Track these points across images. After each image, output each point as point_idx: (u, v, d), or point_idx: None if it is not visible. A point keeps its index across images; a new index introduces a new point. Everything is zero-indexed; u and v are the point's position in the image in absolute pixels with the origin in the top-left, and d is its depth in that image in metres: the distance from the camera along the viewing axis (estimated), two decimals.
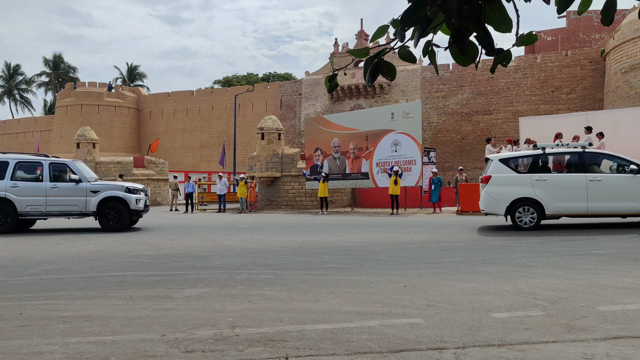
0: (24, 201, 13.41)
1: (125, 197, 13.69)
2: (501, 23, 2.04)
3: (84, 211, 13.65)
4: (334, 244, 9.94)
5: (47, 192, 13.52)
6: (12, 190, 13.38)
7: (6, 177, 13.44)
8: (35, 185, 13.54)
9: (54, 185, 13.54)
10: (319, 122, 24.79)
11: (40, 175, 13.70)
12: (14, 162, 13.64)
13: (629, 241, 9.05)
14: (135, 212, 13.90)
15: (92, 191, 13.68)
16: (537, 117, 24.72)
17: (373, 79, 2.23)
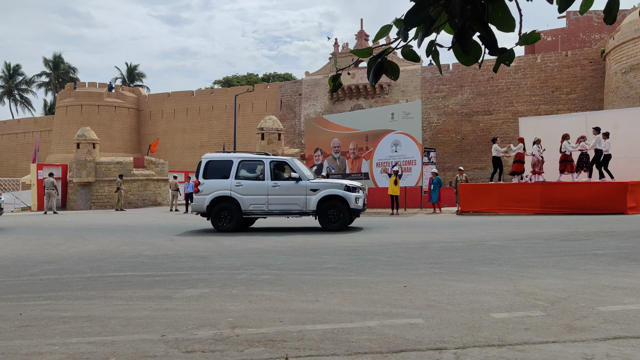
0: (247, 200, 13.08)
1: (345, 195, 12.99)
2: (504, 22, 2.03)
3: (304, 210, 13.08)
4: (333, 244, 9.94)
5: (269, 190, 13.13)
6: (237, 189, 13.09)
7: (231, 176, 13.17)
8: (258, 184, 13.18)
9: (275, 184, 13.12)
10: (319, 122, 24.79)
11: (261, 174, 13.34)
12: (237, 160, 13.34)
13: (629, 241, 9.04)
14: (354, 211, 13.17)
15: (311, 189, 13.12)
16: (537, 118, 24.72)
17: (377, 79, 2.23)
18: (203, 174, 13.26)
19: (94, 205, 28.41)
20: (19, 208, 28.33)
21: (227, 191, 13.05)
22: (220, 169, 13.28)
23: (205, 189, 13.14)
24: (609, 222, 12.18)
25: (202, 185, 13.18)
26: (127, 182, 28.07)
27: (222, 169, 13.27)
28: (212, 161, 13.45)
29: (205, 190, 13.14)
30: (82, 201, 28.62)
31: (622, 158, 16.66)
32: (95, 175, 28.59)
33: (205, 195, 13.12)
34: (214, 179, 13.18)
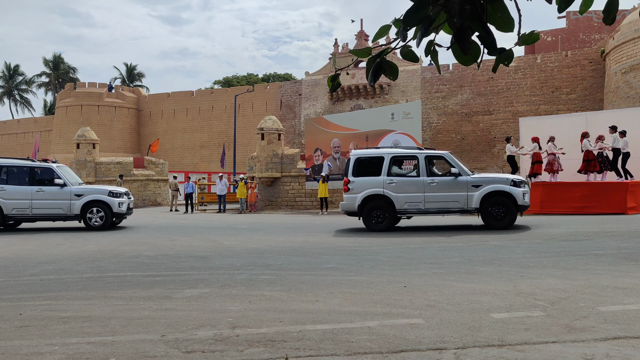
0: (402, 198, 12.39)
1: (512, 191, 12.12)
2: (503, 22, 2.03)
3: (464, 207, 12.30)
4: (334, 244, 9.94)
5: (425, 187, 12.38)
6: (390, 187, 12.42)
7: (382, 172, 12.52)
8: (413, 181, 12.54)
9: (432, 180, 12.37)
10: (319, 122, 24.79)
11: (415, 170, 12.73)
12: (389, 156, 12.67)
13: (629, 241, 9.04)
14: (522, 208, 12.44)
15: (473, 185, 12.28)
16: (537, 118, 24.72)
17: (375, 79, 2.23)
18: (352, 172, 12.66)
19: None
20: None
21: (379, 189, 12.41)
22: (370, 166, 12.69)
23: (355, 188, 12.54)
24: (609, 222, 12.17)
25: (351, 183, 12.60)
26: (127, 182, 28.08)
27: (373, 165, 12.67)
28: (362, 158, 12.85)
29: (355, 189, 12.52)
30: None
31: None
32: (95, 176, 28.59)
33: (355, 194, 12.48)
34: (365, 177, 12.59)
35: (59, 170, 14.32)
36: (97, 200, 14.11)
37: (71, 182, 14.33)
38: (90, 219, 14.05)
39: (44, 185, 14.10)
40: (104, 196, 14.17)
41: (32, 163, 14.45)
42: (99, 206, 14.10)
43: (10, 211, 13.88)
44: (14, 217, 14.09)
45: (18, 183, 14.04)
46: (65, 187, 14.02)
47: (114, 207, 14.15)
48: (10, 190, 13.90)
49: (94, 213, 14.11)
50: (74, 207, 14.01)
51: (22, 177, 14.16)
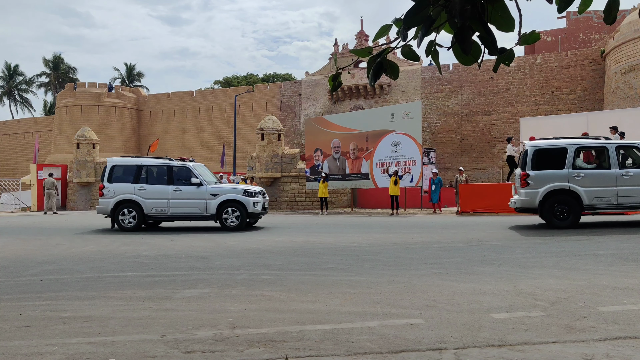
0: (590, 192, 11.47)
1: None
2: (504, 22, 2.03)
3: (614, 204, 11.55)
4: (334, 245, 9.94)
5: (618, 181, 11.42)
6: (576, 181, 11.50)
7: (566, 165, 11.69)
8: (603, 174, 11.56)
9: (626, 173, 11.47)
10: (319, 122, 24.79)
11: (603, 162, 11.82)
12: (573, 147, 11.82)
13: (629, 241, 9.04)
14: None
15: None
16: (537, 118, 24.74)
17: (376, 78, 2.23)
18: (531, 165, 11.89)
19: (94, 206, 28.36)
20: (18, 208, 28.34)
21: (564, 183, 11.59)
22: (551, 158, 11.92)
23: (535, 182, 11.75)
24: (609, 222, 12.17)
25: (530, 177, 11.83)
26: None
27: (553, 157, 11.89)
28: (541, 149, 11.97)
29: (535, 184, 11.72)
30: (82, 201, 28.62)
31: None
32: (95, 176, 28.58)
33: (536, 189, 11.66)
34: (546, 170, 11.78)
35: (195, 169, 13.91)
36: (232, 200, 13.52)
37: (207, 181, 13.85)
38: (226, 219, 13.48)
39: (181, 185, 13.72)
40: (239, 195, 13.55)
41: (169, 162, 14.09)
42: (234, 206, 13.50)
43: (150, 211, 13.65)
44: (153, 217, 13.85)
45: (157, 182, 13.80)
46: (201, 187, 13.58)
47: (248, 206, 13.46)
48: (150, 189, 13.67)
49: (230, 213, 13.50)
50: (209, 206, 13.53)
51: (160, 176, 13.89)
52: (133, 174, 13.93)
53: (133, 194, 13.69)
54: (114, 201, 13.73)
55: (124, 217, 13.75)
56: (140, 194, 13.68)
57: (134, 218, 13.70)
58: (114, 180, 13.95)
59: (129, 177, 13.93)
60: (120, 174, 14.01)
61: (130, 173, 13.97)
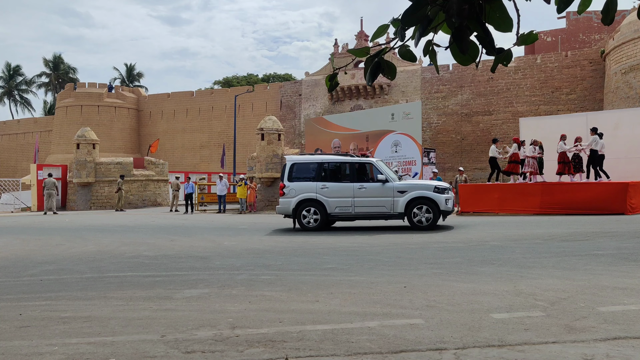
0: None
1: None
2: (502, 22, 2.03)
3: None
4: (334, 245, 9.94)
5: None
6: None
7: None
8: None
9: None
10: (319, 122, 24.81)
11: None
12: None
13: (629, 242, 9.04)
14: None
15: None
16: (537, 118, 24.74)
17: (373, 78, 2.23)
18: None
19: (94, 206, 28.41)
20: (19, 208, 28.34)
21: None
22: None
23: None
24: (609, 223, 12.17)
25: None
26: (127, 182, 28.08)
27: None
28: None
29: None
30: (82, 202, 28.62)
31: (622, 158, 16.67)
32: (95, 176, 28.59)
33: None
34: None
35: (379, 165, 13.24)
36: (423, 197, 12.62)
37: (392, 178, 13.06)
38: (415, 218, 12.61)
39: (365, 182, 12.99)
40: (430, 192, 12.64)
41: (352, 158, 13.48)
42: (424, 203, 12.59)
43: (333, 210, 12.96)
44: (336, 217, 13.15)
45: (339, 180, 13.18)
46: (387, 183, 12.75)
47: (440, 204, 12.54)
48: (333, 187, 13.01)
49: (420, 211, 12.60)
50: (397, 204, 12.65)
51: (343, 173, 13.30)
52: (314, 171, 13.30)
53: (315, 192, 13.04)
54: (296, 200, 13.12)
55: (306, 217, 13.12)
56: (323, 192, 13.00)
57: (316, 218, 13.06)
58: (294, 179, 13.32)
59: (309, 175, 13.32)
60: (301, 172, 13.42)
61: (311, 171, 13.36)
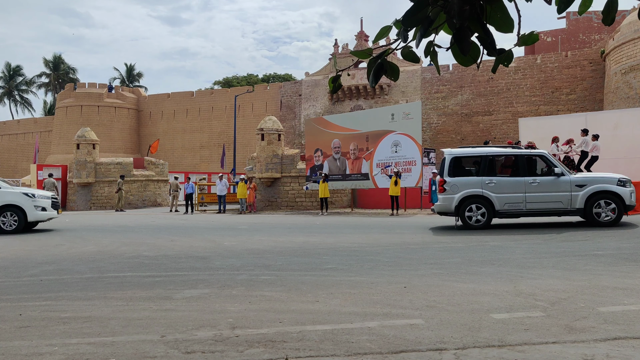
0: None
1: None
2: (502, 23, 2.03)
3: None
4: (334, 245, 9.94)
5: None
6: None
7: None
8: None
9: None
10: (319, 123, 24.79)
11: None
12: None
13: (629, 242, 9.04)
14: None
15: None
16: (537, 118, 24.74)
17: (377, 80, 2.23)
18: None
19: (94, 206, 28.41)
20: None
21: None
22: None
23: None
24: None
25: None
26: (127, 182, 28.08)
27: None
28: None
29: None
30: (82, 202, 28.63)
31: (622, 158, 16.67)
32: (95, 176, 28.60)
33: None
34: None
35: (551, 157, 12.36)
36: (605, 191, 11.59)
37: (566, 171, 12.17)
38: (598, 214, 11.55)
39: (537, 175, 12.08)
40: (613, 186, 11.57)
41: (520, 150, 12.59)
42: (607, 198, 11.54)
43: (502, 206, 12.01)
44: (505, 213, 12.14)
45: (506, 174, 12.30)
46: (562, 177, 11.85)
47: (626, 198, 11.47)
48: (501, 182, 12.08)
49: (603, 207, 11.55)
50: (575, 199, 11.67)
51: (511, 167, 12.44)
52: (477, 165, 12.46)
53: (481, 188, 12.13)
54: (459, 197, 12.21)
55: (470, 214, 12.18)
56: (490, 187, 12.08)
57: (482, 215, 12.11)
58: (455, 174, 12.42)
59: (472, 169, 12.50)
60: (462, 166, 12.60)
61: (474, 165, 12.54)
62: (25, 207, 13.67)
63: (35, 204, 13.78)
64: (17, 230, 13.56)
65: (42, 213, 13.93)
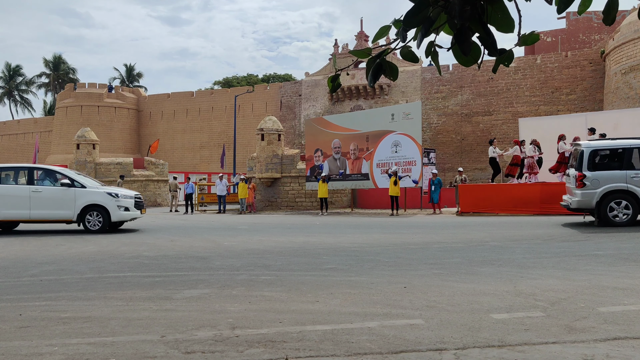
0: None
1: None
2: (503, 23, 2.03)
3: None
4: (334, 245, 9.93)
5: None
6: None
7: None
8: None
9: None
10: (319, 123, 24.79)
11: None
12: None
13: (629, 242, 9.04)
14: None
15: None
16: (537, 118, 24.75)
17: (375, 79, 2.23)
18: None
19: None
20: None
21: None
22: None
23: None
24: None
25: None
26: (126, 182, 28.08)
27: None
28: None
29: None
30: None
31: None
32: (95, 176, 28.58)
33: None
34: None
35: None
36: None
37: None
38: None
39: None
40: None
41: None
42: None
43: None
44: None
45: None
46: None
47: None
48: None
49: None
50: None
51: None
52: (620, 158, 11.71)
53: (625, 182, 11.42)
54: (600, 192, 11.51)
55: (614, 212, 11.48)
56: (635, 182, 11.36)
57: (627, 213, 11.43)
58: (595, 168, 11.69)
59: (615, 163, 11.75)
60: (603, 159, 11.88)
61: (617, 158, 11.77)
62: (109, 206, 13.49)
63: (119, 204, 13.58)
64: (101, 230, 13.42)
65: (125, 213, 13.72)
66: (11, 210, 13.42)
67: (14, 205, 13.37)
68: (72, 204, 13.39)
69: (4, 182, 13.69)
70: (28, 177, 13.75)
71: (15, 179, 13.90)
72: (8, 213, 13.46)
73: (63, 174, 13.83)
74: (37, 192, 13.37)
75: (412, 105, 22.43)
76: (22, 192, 13.40)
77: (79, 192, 13.44)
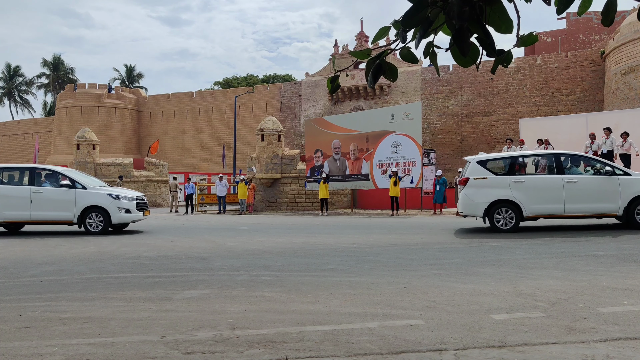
0: None
1: None
2: (502, 24, 2.04)
3: None
4: (334, 246, 9.93)
5: None
6: None
7: None
8: None
9: None
10: (319, 123, 24.80)
11: None
12: None
13: (629, 242, 9.04)
14: None
15: None
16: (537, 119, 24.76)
17: (375, 80, 2.23)
18: None
19: None
20: None
21: None
22: None
23: None
24: (610, 222, 12.17)
25: None
26: (126, 183, 28.08)
27: None
28: None
29: None
30: None
31: None
32: (95, 177, 28.59)
33: None
34: None
35: None
36: None
37: None
38: None
39: None
40: None
41: None
42: None
43: None
44: None
45: None
46: None
47: None
48: None
49: None
50: None
51: None
52: None
53: None
54: None
55: None
56: None
57: None
58: None
59: None
60: None
61: None
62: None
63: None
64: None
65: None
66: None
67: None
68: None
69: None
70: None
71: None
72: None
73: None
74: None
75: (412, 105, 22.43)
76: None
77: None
